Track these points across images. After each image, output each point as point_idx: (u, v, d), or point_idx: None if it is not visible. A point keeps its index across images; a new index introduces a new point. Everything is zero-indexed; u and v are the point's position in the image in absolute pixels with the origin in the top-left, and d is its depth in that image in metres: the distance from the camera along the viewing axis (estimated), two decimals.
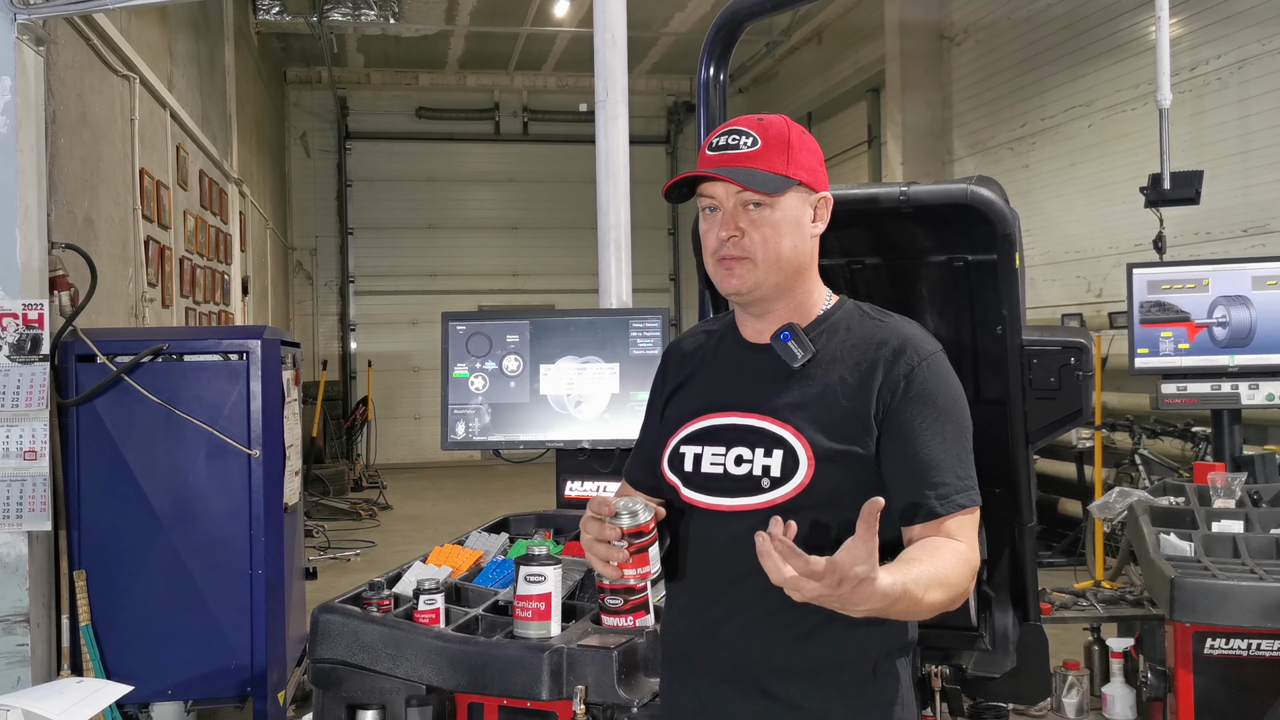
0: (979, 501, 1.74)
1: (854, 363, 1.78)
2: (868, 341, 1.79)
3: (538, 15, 13.68)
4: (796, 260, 1.81)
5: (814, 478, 1.74)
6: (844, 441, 1.74)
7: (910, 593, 1.53)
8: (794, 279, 1.82)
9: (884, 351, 1.77)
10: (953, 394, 1.78)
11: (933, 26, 11.30)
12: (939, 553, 1.65)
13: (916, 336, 1.80)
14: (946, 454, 1.73)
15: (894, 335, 1.79)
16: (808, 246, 1.83)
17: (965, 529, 1.72)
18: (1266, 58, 7.13)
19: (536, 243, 16.83)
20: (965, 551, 1.69)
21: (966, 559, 1.67)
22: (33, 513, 3.95)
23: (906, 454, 1.72)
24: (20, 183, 4.06)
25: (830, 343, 1.82)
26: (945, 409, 1.75)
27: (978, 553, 1.72)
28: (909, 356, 1.75)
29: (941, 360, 1.79)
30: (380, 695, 2.54)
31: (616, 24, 4.28)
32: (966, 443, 1.77)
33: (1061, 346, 2.87)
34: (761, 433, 1.79)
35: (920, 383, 1.74)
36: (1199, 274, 4.52)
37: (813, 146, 1.85)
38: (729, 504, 1.79)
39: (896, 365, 1.75)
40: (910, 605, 1.55)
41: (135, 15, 6.36)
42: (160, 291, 6.75)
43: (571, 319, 3.62)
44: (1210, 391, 4.46)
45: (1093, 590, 4.54)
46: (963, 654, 3.27)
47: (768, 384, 1.82)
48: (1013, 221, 2.67)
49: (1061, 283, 9.33)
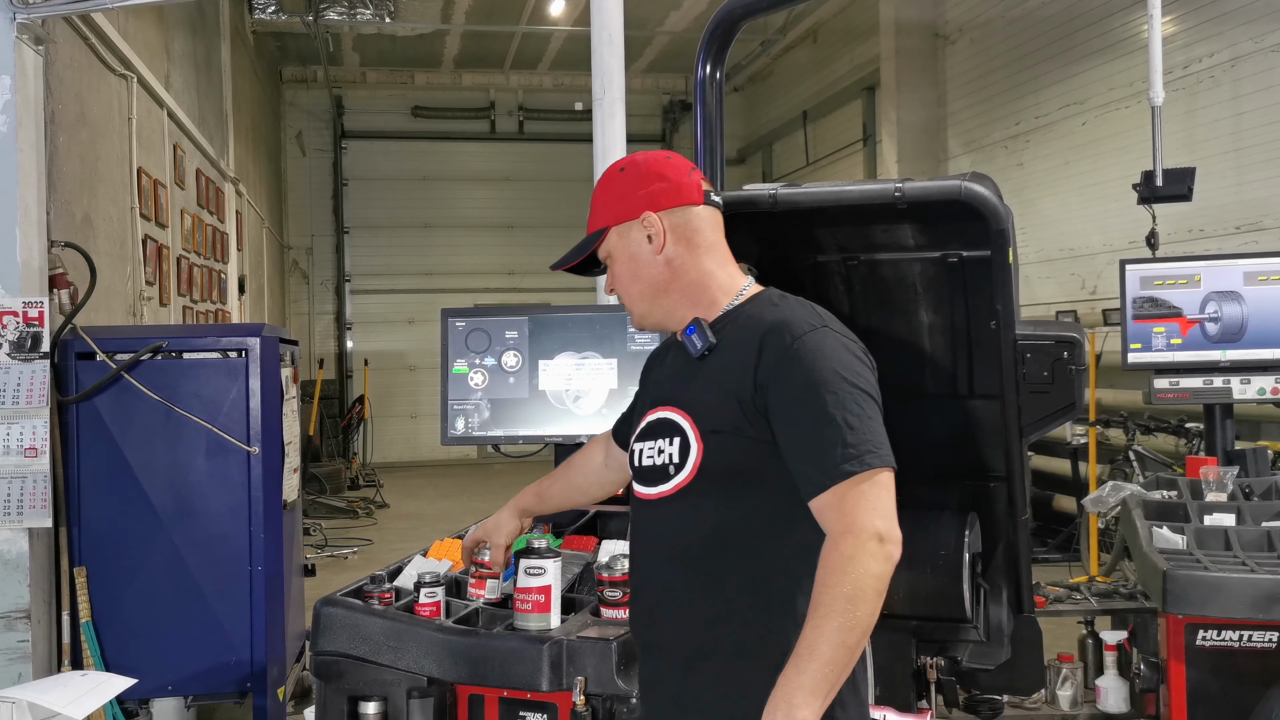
0: (870, 465, 1.72)
1: (741, 348, 1.85)
2: (756, 327, 1.86)
3: (533, 14, 13.69)
4: (656, 285, 1.94)
5: (703, 460, 1.84)
6: (726, 424, 1.83)
7: (822, 670, 1.62)
8: (672, 297, 1.95)
9: (761, 334, 1.83)
10: (830, 366, 1.78)
11: (927, 25, 11.33)
12: (815, 591, 1.68)
13: (794, 318, 1.84)
14: (820, 430, 1.74)
15: (776, 318, 1.85)
16: (660, 269, 1.94)
17: (845, 500, 1.71)
18: (1259, 56, 7.16)
19: (532, 241, 16.81)
20: (835, 551, 1.68)
21: (837, 562, 1.67)
22: (33, 510, 3.96)
23: (786, 433, 1.78)
24: (20, 181, 4.08)
25: (730, 332, 1.89)
26: (819, 382, 1.76)
27: (867, 516, 1.69)
28: (782, 337, 1.81)
29: (818, 336, 1.81)
30: (382, 687, 2.56)
31: (613, 22, 4.31)
32: (850, 410, 1.75)
33: (1055, 341, 2.90)
34: (669, 423, 1.91)
35: (791, 361, 1.79)
36: (1191, 270, 4.55)
37: (611, 182, 1.98)
38: (651, 493, 1.93)
39: (770, 346, 1.81)
40: (833, 665, 1.63)
41: (133, 15, 6.37)
42: (158, 290, 6.76)
43: (570, 315, 3.64)
44: (1202, 386, 4.48)
45: (1086, 584, 4.58)
46: (958, 646, 3.30)
47: (679, 377, 1.96)
48: (1006, 217, 2.70)
49: (1056, 280, 9.36)
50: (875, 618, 1.67)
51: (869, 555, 1.66)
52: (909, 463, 3.45)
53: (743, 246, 3.22)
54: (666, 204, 1.94)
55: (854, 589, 1.64)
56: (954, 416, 3.21)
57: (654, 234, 1.93)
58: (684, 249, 1.94)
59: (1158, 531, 3.68)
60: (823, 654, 1.63)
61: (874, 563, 1.66)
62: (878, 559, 1.67)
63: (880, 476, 1.73)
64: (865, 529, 1.68)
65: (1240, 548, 3.55)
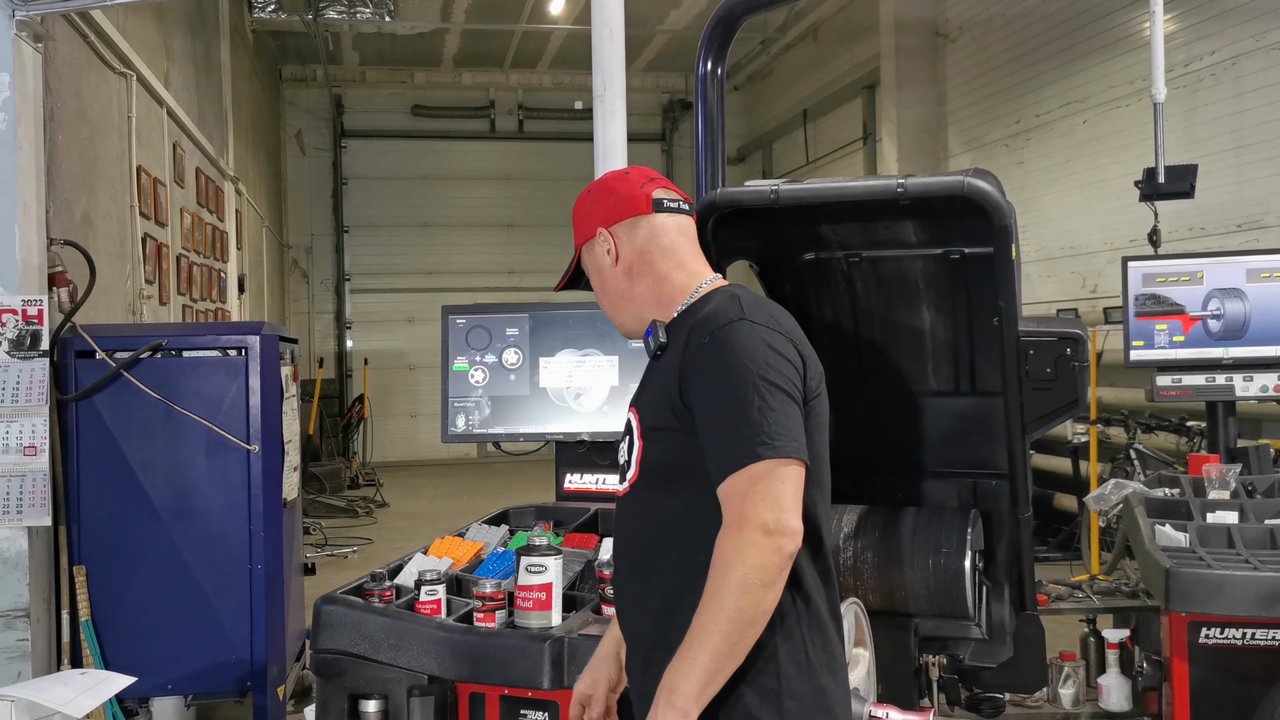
0: (762, 456, 1.72)
1: (678, 346, 1.90)
2: (690, 324, 1.91)
3: (533, 13, 13.68)
4: (620, 294, 2.05)
5: (643, 458, 1.91)
6: (660, 419, 1.89)
7: (704, 660, 1.66)
8: (636, 304, 2.03)
9: (687, 330, 1.89)
10: (737, 357, 1.80)
11: (928, 23, 11.32)
12: (707, 581, 1.71)
13: (717, 311, 1.88)
14: (722, 421, 1.78)
15: (703, 312, 1.90)
16: (620, 279, 2.04)
17: (737, 491, 1.73)
18: (1260, 53, 7.15)
19: (532, 240, 16.79)
20: (723, 543, 1.71)
21: (724, 553, 1.70)
22: (33, 508, 3.95)
23: (699, 424, 1.82)
24: (19, 179, 4.06)
25: (679, 330, 1.94)
26: (725, 374, 1.79)
27: (754, 507, 1.70)
28: (700, 331, 1.85)
29: (733, 329, 1.83)
30: (382, 685, 2.56)
31: (614, 19, 4.29)
32: (751, 403, 1.75)
33: (1057, 337, 2.89)
34: (628, 424, 2.00)
35: (704, 353, 1.83)
36: (1194, 267, 4.54)
37: (580, 204, 2.12)
38: (617, 490, 2.02)
39: (691, 340, 1.86)
40: (716, 656, 1.67)
41: (132, 13, 6.36)
42: (157, 289, 6.75)
43: (571, 312, 3.63)
44: (1205, 384, 4.48)
45: (1088, 583, 4.57)
46: (960, 644, 3.29)
47: (643, 379, 2.04)
48: (1009, 213, 2.70)
49: (1057, 278, 9.36)
50: (763, 609, 1.69)
51: (753, 547, 1.68)
52: (911, 460, 3.46)
53: (744, 243, 3.22)
54: (617, 217, 2.04)
55: (738, 580, 1.67)
56: (956, 413, 3.20)
57: (609, 248, 2.04)
58: (639, 257, 2.03)
59: (1160, 529, 3.67)
60: (707, 644, 1.67)
61: (758, 554, 1.68)
62: (763, 550, 1.68)
63: (779, 468, 1.73)
64: (751, 520, 1.70)
65: (1243, 545, 3.54)
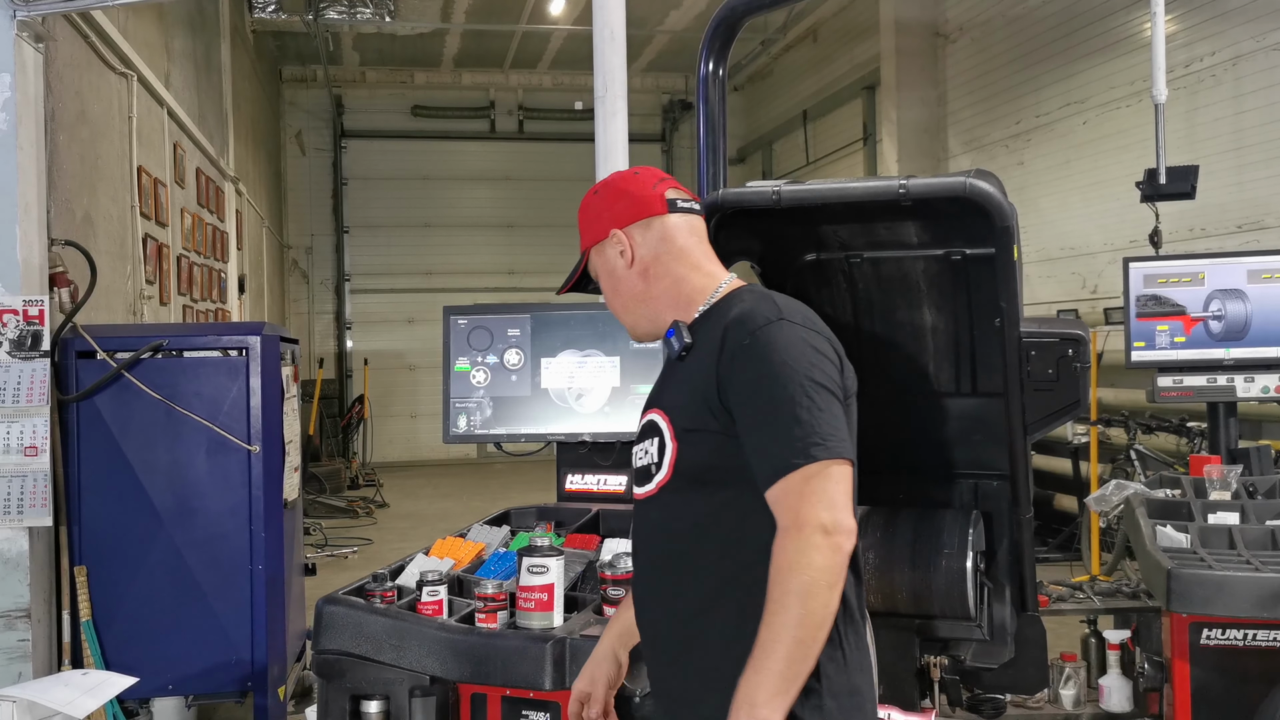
0: (815, 457, 1.72)
1: (709, 346, 1.88)
2: (722, 323, 1.88)
3: (533, 13, 13.68)
4: (635, 295, 2.02)
5: (677, 459, 1.88)
6: (695, 421, 1.86)
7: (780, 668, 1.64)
8: (653, 305, 2.01)
9: (723, 330, 1.86)
10: (782, 358, 1.79)
11: (928, 24, 11.33)
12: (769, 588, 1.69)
13: (754, 311, 1.86)
14: (770, 423, 1.76)
15: (738, 312, 1.88)
16: (635, 281, 2.02)
17: (791, 494, 1.72)
18: (1260, 54, 7.16)
19: (532, 241, 16.80)
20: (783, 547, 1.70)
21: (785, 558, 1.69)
22: (33, 508, 3.95)
23: (742, 427, 1.80)
24: (20, 179, 4.06)
25: (704, 330, 1.93)
26: (771, 375, 1.78)
27: (811, 509, 1.69)
28: (740, 331, 1.83)
29: (774, 329, 1.82)
30: (384, 686, 2.55)
31: (615, 19, 4.29)
32: (800, 403, 1.75)
33: (1059, 338, 2.89)
34: (652, 425, 1.96)
35: (746, 354, 1.81)
36: (1195, 268, 4.54)
37: (587, 206, 2.08)
38: (640, 493, 1.98)
39: (729, 341, 1.84)
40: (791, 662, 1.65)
41: (133, 13, 6.36)
42: (158, 289, 6.75)
43: (572, 313, 3.63)
44: (1206, 384, 4.48)
45: (1089, 583, 4.57)
46: (961, 645, 3.29)
47: (664, 379, 2.02)
48: (1010, 214, 2.69)
49: (1057, 279, 9.36)
50: (830, 609, 1.68)
51: (814, 549, 1.68)
52: (912, 461, 3.46)
53: (745, 244, 3.22)
54: (631, 218, 2.01)
55: (804, 584, 1.66)
56: (957, 414, 3.20)
57: (623, 249, 2.01)
58: (655, 258, 2.01)
59: (1161, 530, 3.66)
60: (779, 652, 1.65)
61: (820, 555, 1.67)
62: (824, 552, 1.68)
63: (830, 468, 1.73)
64: (809, 522, 1.69)
65: (1244, 546, 3.54)
